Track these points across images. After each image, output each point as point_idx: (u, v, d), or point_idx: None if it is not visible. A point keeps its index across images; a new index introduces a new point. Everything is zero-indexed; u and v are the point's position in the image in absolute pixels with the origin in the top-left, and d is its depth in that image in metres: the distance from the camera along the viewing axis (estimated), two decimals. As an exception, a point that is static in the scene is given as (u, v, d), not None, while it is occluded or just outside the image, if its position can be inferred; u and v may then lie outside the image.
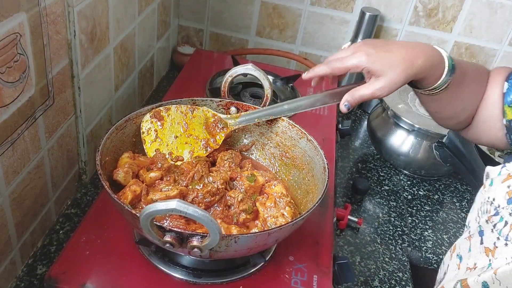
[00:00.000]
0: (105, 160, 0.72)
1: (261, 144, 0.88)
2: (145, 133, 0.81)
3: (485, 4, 1.28)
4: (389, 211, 1.09)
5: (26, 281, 0.79)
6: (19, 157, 0.71)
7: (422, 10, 1.32)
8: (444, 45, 1.37)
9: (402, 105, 1.17)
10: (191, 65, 1.24)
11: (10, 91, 0.65)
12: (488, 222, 0.58)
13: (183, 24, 1.47)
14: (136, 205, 0.71)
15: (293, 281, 0.72)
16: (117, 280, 0.68)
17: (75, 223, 0.89)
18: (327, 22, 1.39)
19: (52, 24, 0.72)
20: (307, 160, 0.81)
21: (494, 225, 0.57)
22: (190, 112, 0.83)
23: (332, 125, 1.09)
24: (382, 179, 1.19)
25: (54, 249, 0.84)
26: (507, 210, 0.56)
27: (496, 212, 0.57)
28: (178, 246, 0.59)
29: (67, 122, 0.84)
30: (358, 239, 1.00)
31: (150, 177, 0.74)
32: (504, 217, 0.56)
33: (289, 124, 0.84)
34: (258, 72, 0.83)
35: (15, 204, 0.73)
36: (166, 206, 0.53)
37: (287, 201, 0.74)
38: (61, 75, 0.78)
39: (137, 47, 1.10)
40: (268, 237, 0.63)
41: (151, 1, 1.13)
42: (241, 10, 1.41)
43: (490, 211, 0.59)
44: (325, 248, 0.78)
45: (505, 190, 0.58)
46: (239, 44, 1.48)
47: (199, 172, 0.75)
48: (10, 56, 0.63)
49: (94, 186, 0.98)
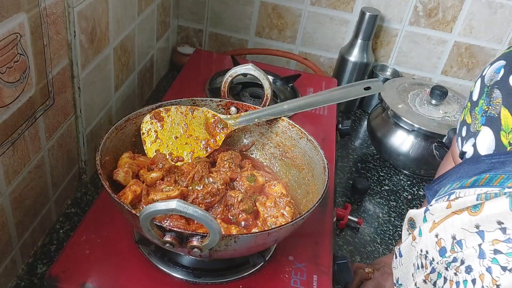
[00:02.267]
0: (105, 160, 0.72)
1: (261, 144, 0.88)
2: (145, 134, 0.81)
3: (485, 4, 1.28)
4: (389, 211, 1.09)
5: (27, 280, 0.79)
6: (20, 157, 0.71)
7: (422, 10, 1.33)
8: (444, 45, 1.37)
9: (402, 105, 1.17)
10: (191, 65, 1.24)
11: (11, 91, 0.65)
12: (426, 281, 0.54)
13: (182, 24, 1.47)
14: (136, 205, 0.71)
15: (292, 280, 0.72)
16: (117, 280, 0.68)
17: (75, 222, 0.90)
18: (327, 22, 1.39)
19: (52, 24, 0.72)
20: (307, 160, 0.81)
21: (434, 283, 0.53)
22: (190, 113, 0.83)
23: (332, 125, 1.09)
24: (382, 179, 1.19)
25: (54, 248, 0.84)
26: (442, 265, 0.51)
27: (432, 269, 0.53)
28: (178, 246, 0.60)
29: (67, 122, 0.84)
30: (358, 239, 1.00)
31: (151, 177, 0.74)
32: (441, 273, 0.52)
33: (289, 124, 0.84)
34: (258, 72, 0.83)
35: (15, 204, 0.73)
36: (166, 206, 0.54)
37: (287, 201, 0.74)
38: (61, 75, 0.78)
39: (137, 48, 1.10)
40: (268, 237, 0.63)
41: (150, 1, 1.13)
42: (241, 11, 1.41)
43: (426, 266, 0.54)
44: (325, 248, 0.78)
45: (434, 241, 0.53)
46: (238, 44, 1.48)
47: (199, 173, 0.75)
48: (10, 56, 0.63)
49: (94, 185, 0.98)
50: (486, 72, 0.61)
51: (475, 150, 0.58)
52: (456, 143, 0.72)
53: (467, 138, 0.61)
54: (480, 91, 0.61)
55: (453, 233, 0.51)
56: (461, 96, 1.25)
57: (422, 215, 0.58)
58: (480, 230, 0.49)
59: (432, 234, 0.53)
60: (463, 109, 0.68)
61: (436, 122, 1.13)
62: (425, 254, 0.54)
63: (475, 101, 0.62)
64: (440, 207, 0.55)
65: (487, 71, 0.60)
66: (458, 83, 1.44)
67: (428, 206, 0.57)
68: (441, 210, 0.54)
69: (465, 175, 0.56)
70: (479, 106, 0.60)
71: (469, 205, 0.51)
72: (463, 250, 0.49)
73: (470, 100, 0.64)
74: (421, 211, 0.58)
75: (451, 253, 0.50)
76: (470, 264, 0.48)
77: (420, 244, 0.56)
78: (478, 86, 0.62)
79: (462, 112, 0.68)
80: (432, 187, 0.63)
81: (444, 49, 1.38)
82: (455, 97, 1.24)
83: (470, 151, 0.59)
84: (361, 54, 1.34)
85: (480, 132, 0.58)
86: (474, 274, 0.48)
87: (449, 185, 0.58)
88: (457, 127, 0.68)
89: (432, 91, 1.17)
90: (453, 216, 0.51)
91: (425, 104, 1.18)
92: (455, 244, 0.50)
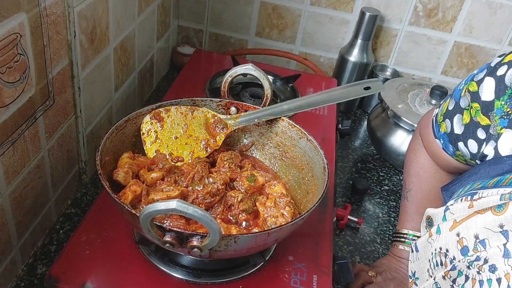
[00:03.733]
0: (105, 160, 0.72)
1: (261, 144, 0.88)
2: (145, 134, 0.81)
3: (485, 4, 1.28)
4: (389, 211, 1.09)
5: (27, 280, 0.79)
6: (20, 157, 0.71)
7: (422, 10, 1.33)
8: (444, 45, 1.37)
9: (402, 105, 1.17)
10: (191, 65, 1.24)
11: (11, 91, 0.65)
12: (446, 278, 0.53)
13: (182, 24, 1.48)
14: (136, 205, 0.71)
15: (292, 280, 0.72)
16: (117, 280, 0.68)
17: (75, 222, 0.90)
18: (326, 22, 1.39)
19: (52, 24, 0.72)
20: (307, 160, 0.81)
21: (454, 280, 0.52)
22: (190, 113, 0.83)
23: (332, 125, 1.09)
24: (382, 179, 1.19)
25: (54, 249, 0.84)
26: (464, 263, 0.51)
27: (452, 266, 0.53)
28: (178, 246, 0.60)
29: (67, 122, 0.84)
30: (357, 239, 1.00)
31: (151, 177, 0.74)
32: (463, 271, 0.51)
33: (289, 124, 0.84)
34: (258, 72, 0.83)
35: (15, 204, 0.73)
36: (166, 206, 0.54)
37: (287, 201, 0.74)
38: (61, 75, 0.78)
39: (137, 48, 1.10)
40: (268, 237, 0.63)
41: (151, 1, 1.13)
42: (241, 11, 1.41)
43: (446, 264, 0.54)
44: (325, 248, 0.79)
45: (455, 240, 0.53)
46: (238, 44, 1.48)
47: (199, 173, 0.75)
48: (10, 57, 0.63)
49: (94, 186, 0.98)
50: (504, 73, 0.60)
51: (496, 152, 0.58)
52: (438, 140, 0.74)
53: (487, 140, 0.61)
54: (496, 91, 0.60)
55: (476, 232, 0.51)
56: (461, 96, 1.25)
57: (441, 214, 0.58)
58: (504, 229, 0.49)
59: (453, 233, 0.53)
60: (462, 109, 0.68)
61: (436, 122, 1.13)
62: (445, 252, 0.54)
63: (489, 102, 0.61)
64: (462, 207, 0.55)
65: (508, 72, 0.59)
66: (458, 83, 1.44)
67: (449, 205, 0.57)
68: (463, 210, 0.55)
69: (486, 176, 0.57)
70: (498, 108, 0.59)
71: (492, 205, 0.51)
72: (486, 250, 0.49)
73: (477, 100, 0.63)
74: (440, 210, 0.58)
75: (474, 252, 0.51)
76: (494, 263, 0.48)
77: (438, 242, 0.56)
78: (492, 86, 0.61)
79: (461, 113, 0.68)
80: (449, 187, 0.63)
81: (444, 49, 1.38)
82: (455, 97, 1.24)
83: (491, 154, 0.59)
84: (361, 54, 1.34)
85: (502, 135, 0.58)
86: (499, 273, 0.48)
87: (469, 185, 0.59)
88: (459, 127, 0.68)
89: (432, 91, 1.17)
90: (476, 215, 0.52)
91: (425, 104, 1.18)
92: (478, 244, 0.50)
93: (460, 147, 0.70)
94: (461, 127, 0.68)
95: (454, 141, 0.71)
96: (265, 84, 0.85)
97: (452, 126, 0.70)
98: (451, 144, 0.72)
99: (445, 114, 0.73)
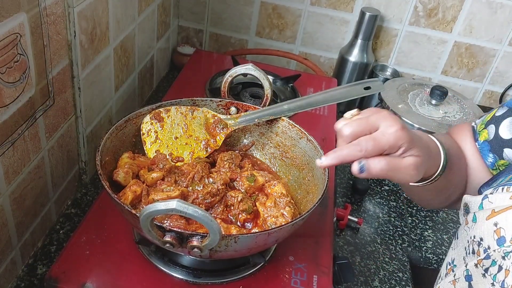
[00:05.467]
0: (105, 160, 0.72)
1: (261, 144, 0.88)
2: (145, 134, 0.81)
3: (485, 4, 1.28)
4: (389, 211, 1.09)
5: (27, 280, 0.79)
6: (20, 157, 0.71)
7: (422, 10, 1.33)
8: (444, 45, 1.37)
9: (402, 105, 1.17)
10: (191, 65, 1.24)
11: (11, 92, 0.65)
12: (478, 266, 0.52)
13: (183, 24, 1.48)
14: (136, 205, 0.71)
15: (292, 281, 0.72)
16: (117, 280, 0.68)
17: (75, 223, 0.90)
18: (327, 22, 1.39)
19: (52, 24, 0.72)
20: (307, 160, 0.81)
21: (486, 269, 0.51)
22: (190, 113, 0.83)
23: (332, 125, 1.09)
24: (382, 179, 1.19)
25: (54, 249, 0.84)
26: (499, 253, 0.50)
27: (486, 255, 0.52)
28: (178, 246, 0.59)
29: (67, 122, 0.84)
30: (358, 239, 1.00)
31: (151, 177, 0.74)
32: (496, 261, 0.50)
33: (289, 124, 0.84)
34: (258, 72, 0.83)
35: (15, 204, 0.73)
36: (166, 206, 0.54)
37: (287, 201, 0.74)
38: (61, 75, 0.78)
39: (137, 48, 1.10)
40: (268, 237, 0.63)
41: (151, 1, 1.13)
42: (241, 11, 1.41)
43: (479, 253, 0.53)
44: (325, 248, 0.78)
45: (492, 229, 0.52)
46: (238, 44, 1.48)
47: (199, 173, 0.75)
48: (10, 57, 0.63)
49: (94, 186, 0.98)
50: None
51: None
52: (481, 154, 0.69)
53: None
54: None
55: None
56: (461, 96, 1.25)
57: (478, 202, 0.55)
58: None
59: (490, 222, 0.52)
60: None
61: (436, 122, 1.13)
62: (479, 241, 0.53)
63: None
64: (502, 197, 0.53)
65: None
66: (458, 83, 1.44)
67: (488, 194, 0.55)
68: (503, 200, 0.53)
69: None
70: None
71: None
72: None
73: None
74: (478, 198, 0.56)
75: (511, 243, 0.50)
76: None
77: (473, 230, 0.54)
78: None
79: None
80: (488, 183, 0.61)
81: (444, 49, 1.38)
82: (455, 97, 1.24)
83: None
84: (361, 54, 1.34)
85: None
86: None
87: (511, 176, 0.57)
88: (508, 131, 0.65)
89: (432, 91, 1.17)
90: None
91: (425, 104, 1.18)
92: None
93: (506, 154, 0.65)
94: (511, 131, 0.64)
95: (497, 148, 0.66)
96: (265, 84, 0.85)
97: (496, 132, 0.66)
98: (492, 152, 0.67)
99: (488, 121, 0.68)
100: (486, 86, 1.44)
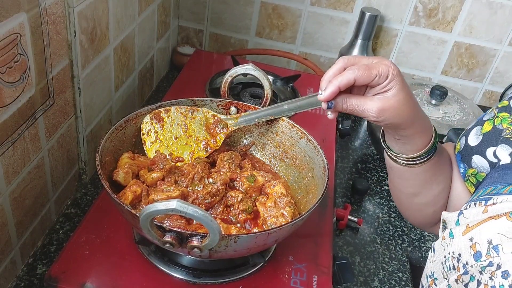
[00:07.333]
0: (105, 160, 0.72)
1: (261, 144, 0.88)
2: (145, 134, 0.81)
3: (485, 4, 1.28)
4: (389, 211, 1.09)
5: (26, 280, 0.79)
6: (20, 157, 0.71)
7: (422, 10, 1.33)
8: (444, 45, 1.37)
9: (402, 105, 1.17)
10: (191, 65, 1.24)
11: (11, 91, 0.65)
12: (458, 281, 0.53)
13: (183, 24, 1.48)
14: (136, 205, 0.71)
15: (292, 281, 0.72)
16: (116, 280, 0.68)
17: (75, 223, 0.90)
18: (327, 23, 1.39)
19: (53, 24, 0.72)
20: (307, 160, 0.81)
21: (466, 284, 0.52)
22: (190, 113, 0.83)
23: (332, 125, 1.09)
24: (382, 179, 1.19)
25: (54, 249, 0.84)
26: (476, 268, 0.51)
27: (465, 271, 0.52)
28: (178, 246, 0.60)
29: (67, 122, 0.84)
30: (357, 239, 1.00)
31: (152, 177, 0.74)
32: (475, 276, 0.51)
33: (289, 124, 0.84)
34: (258, 72, 0.83)
35: (15, 204, 0.73)
36: (166, 206, 0.54)
37: (287, 201, 0.74)
38: (61, 75, 0.78)
39: (137, 48, 1.10)
40: (268, 237, 0.63)
41: (151, 1, 1.13)
42: (241, 11, 1.41)
43: (459, 268, 0.54)
44: (325, 248, 0.78)
45: (468, 245, 0.52)
46: (238, 44, 1.48)
47: (199, 173, 0.75)
48: (10, 57, 0.63)
49: (94, 186, 0.98)
50: None
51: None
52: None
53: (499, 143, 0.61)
54: None
55: (489, 238, 0.51)
56: (461, 96, 1.25)
57: (455, 218, 0.57)
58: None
59: (466, 237, 0.53)
60: (484, 121, 0.66)
61: (436, 122, 1.13)
62: (458, 257, 0.54)
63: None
64: (476, 212, 0.55)
65: None
66: (458, 83, 1.44)
67: (462, 210, 0.57)
68: (476, 215, 0.54)
69: (500, 181, 0.56)
70: None
71: (507, 211, 0.51)
72: (499, 255, 0.49)
73: (507, 111, 0.63)
74: (454, 214, 0.58)
75: (487, 257, 0.50)
76: (507, 269, 0.48)
77: (452, 246, 0.55)
78: None
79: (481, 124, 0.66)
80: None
81: (444, 49, 1.38)
82: (455, 97, 1.24)
83: (505, 159, 0.59)
84: (361, 54, 1.34)
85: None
86: (511, 279, 0.47)
87: (482, 190, 0.58)
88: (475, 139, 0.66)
89: (432, 91, 1.17)
90: (490, 221, 0.52)
91: (425, 104, 1.18)
92: (491, 249, 0.50)
93: (474, 162, 0.65)
94: (478, 138, 0.65)
95: (467, 156, 0.67)
96: (265, 84, 0.85)
97: (466, 142, 0.67)
98: (463, 162, 0.68)
99: (461, 135, 0.70)
100: (486, 86, 1.44)
